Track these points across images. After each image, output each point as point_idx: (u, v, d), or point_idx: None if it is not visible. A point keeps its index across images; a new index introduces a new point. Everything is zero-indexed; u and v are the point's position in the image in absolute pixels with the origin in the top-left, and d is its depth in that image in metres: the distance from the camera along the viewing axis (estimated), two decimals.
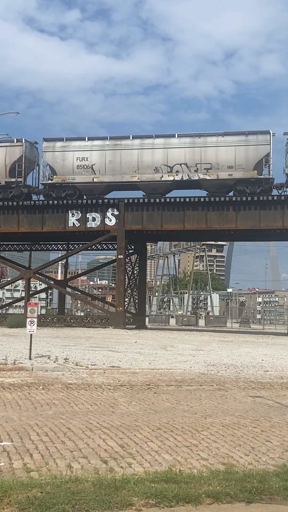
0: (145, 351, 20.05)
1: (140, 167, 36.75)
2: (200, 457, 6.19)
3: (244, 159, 35.47)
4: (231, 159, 35.58)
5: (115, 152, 37.29)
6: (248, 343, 27.44)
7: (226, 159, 35.68)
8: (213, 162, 35.83)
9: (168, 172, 36.50)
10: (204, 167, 35.99)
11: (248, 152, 35.59)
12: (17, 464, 5.72)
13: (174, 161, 36.40)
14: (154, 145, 36.99)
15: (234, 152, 35.59)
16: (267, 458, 6.28)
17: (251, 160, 35.44)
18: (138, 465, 5.86)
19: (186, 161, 36.27)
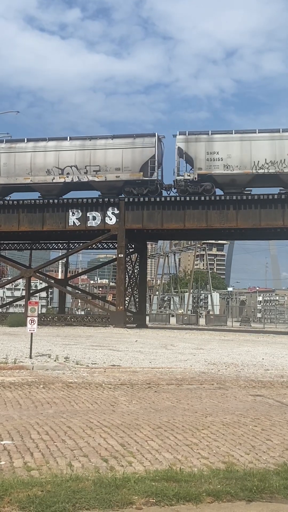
0: (145, 350, 20.06)
1: (33, 169, 37.87)
2: (200, 456, 6.19)
3: (130, 161, 36.66)
4: (119, 161, 36.82)
5: (10, 155, 38.31)
6: (249, 342, 27.45)
7: (114, 161, 36.87)
8: (102, 164, 37.08)
9: (59, 174, 37.60)
10: (93, 169, 37.23)
11: (134, 154, 36.78)
12: (17, 463, 5.73)
13: (65, 163, 37.50)
14: (46, 148, 38.05)
15: (122, 154, 36.81)
16: (267, 456, 6.29)
17: (137, 162, 36.61)
18: (139, 463, 5.86)
19: (76, 163, 37.41)
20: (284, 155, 35.44)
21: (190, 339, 28.89)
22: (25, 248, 49.82)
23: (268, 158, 35.55)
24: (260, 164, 35.58)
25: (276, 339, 31.70)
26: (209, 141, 36.34)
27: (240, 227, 37.28)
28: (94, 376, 12.75)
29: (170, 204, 37.17)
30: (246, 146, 35.83)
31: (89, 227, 38.41)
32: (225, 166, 35.89)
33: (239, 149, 35.86)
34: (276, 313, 69.53)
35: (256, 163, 35.61)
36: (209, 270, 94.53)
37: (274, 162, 35.44)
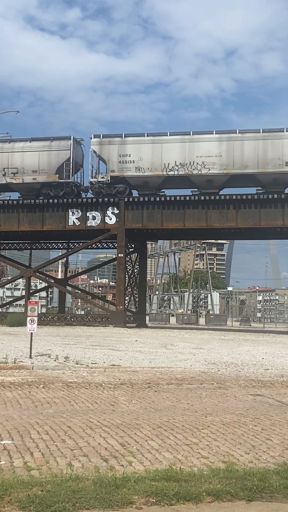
0: (145, 350, 20.06)
1: None
2: (200, 456, 6.19)
3: (47, 164, 37.62)
4: (35, 163, 37.74)
5: None
6: (249, 342, 27.45)
7: (31, 163, 37.77)
8: (19, 166, 37.94)
9: None
10: (11, 171, 38.05)
11: (50, 157, 37.73)
12: (17, 463, 5.73)
13: None
14: None
15: (38, 157, 37.79)
16: (267, 456, 6.29)
17: (53, 165, 37.52)
18: (139, 463, 5.86)
19: None
20: (194, 157, 36.21)
21: (190, 338, 28.89)
22: (25, 248, 49.81)
23: (178, 160, 36.37)
24: (170, 166, 36.44)
25: (276, 338, 31.71)
26: (122, 144, 37.20)
27: (240, 226, 37.29)
28: (94, 375, 12.75)
29: (170, 203, 37.17)
30: (157, 149, 36.72)
31: (89, 226, 38.41)
32: (137, 168, 36.78)
33: (150, 152, 36.79)
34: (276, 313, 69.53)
35: (166, 165, 36.47)
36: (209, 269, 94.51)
37: (184, 164, 36.26)
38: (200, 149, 36.19)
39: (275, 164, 35.37)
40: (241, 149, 35.78)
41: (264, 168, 35.46)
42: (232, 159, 35.75)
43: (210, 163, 35.92)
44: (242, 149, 35.77)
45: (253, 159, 35.59)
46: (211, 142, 36.24)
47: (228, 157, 35.81)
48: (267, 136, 35.92)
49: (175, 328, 42.90)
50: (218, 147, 36.06)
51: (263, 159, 35.48)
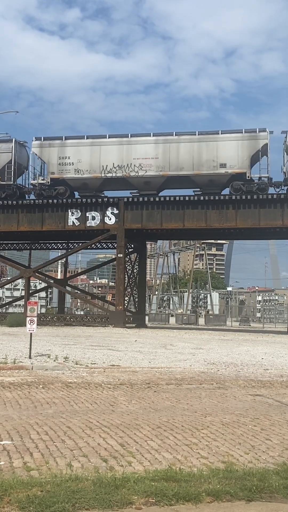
0: (145, 350, 20.06)
1: None
2: (200, 456, 6.20)
3: None
4: None
5: None
6: (248, 342, 27.45)
7: None
8: None
9: None
10: None
11: None
12: (17, 463, 5.72)
13: None
14: None
15: None
16: (267, 456, 6.29)
17: None
18: (138, 463, 5.86)
19: None
20: (131, 159, 36.84)
21: (190, 338, 28.90)
22: (25, 248, 49.81)
23: (116, 163, 37.00)
24: (108, 168, 37.05)
25: (275, 338, 31.71)
26: (62, 147, 37.76)
27: (239, 226, 37.30)
28: (94, 376, 12.75)
29: (169, 203, 37.18)
30: (96, 151, 37.39)
31: (89, 227, 38.41)
32: (76, 171, 37.43)
33: (89, 154, 37.42)
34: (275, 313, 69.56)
35: (104, 167, 37.09)
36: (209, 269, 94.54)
37: (122, 166, 36.90)
38: (138, 151, 36.93)
39: (209, 166, 36.07)
40: (177, 151, 36.53)
41: (199, 170, 36.20)
42: (168, 161, 36.54)
43: (147, 165, 36.70)
44: (178, 151, 36.52)
45: (188, 161, 36.31)
46: (148, 145, 37.04)
47: (164, 159, 36.58)
48: (202, 138, 36.61)
49: (174, 328, 42.90)
50: (155, 150, 36.80)
51: (198, 161, 36.19)
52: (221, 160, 35.84)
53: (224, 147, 35.95)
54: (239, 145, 35.84)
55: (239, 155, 35.69)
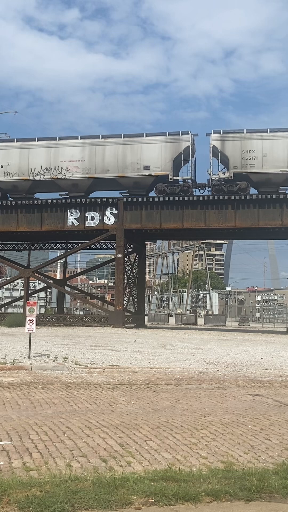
0: (144, 350, 20.05)
1: None
2: (199, 456, 6.19)
3: None
4: None
5: None
6: (247, 342, 27.46)
7: None
8: None
9: None
10: None
11: None
12: (16, 463, 5.72)
13: None
14: None
15: None
16: (266, 456, 6.29)
17: None
18: (138, 463, 5.86)
19: None
20: (58, 162, 37.70)
21: (189, 339, 28.90)
22: (24, 249, 49.81)
23: (44, 165, 37.87)
24: (36, 170, 37.84)
25: (275, 338, 31.72)
26: None
27: (238, 226, 37.34)
28: (93, 376, 12.75)
29: (168, 204, 37.19)
30: (25, 154, 38.17)
31: (88, 227, 38.42)
32: (5, 173, 38.27)
33: (18, 157, 38.24)
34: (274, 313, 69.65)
35: (33, 170, 37.86)
36: (208, 269, 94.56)
37: (50, 169, 37.74)
38: (65, 154, 37.73)
39: (134, 168, 36.80)
40: (102, 154, 37.30)
41: (124, 172, 36.97)
42: (94, 163, 37.37)
43: (73, 168, 37.54)
44: (103, 154, 37.29)
45: (114, 163, 37.09)
46: (75, 147, 37.81)
47: (90, 161, 37.40)
48: (127, 141, 37.30)
49: (174, 328, 42.91)
50: (81, 152, 37.59)
51: (123, 163, 36.95)
52: (145, 162, 36.65)
53: (148, 149, 36.74)
54: (162, 147, 36.67)
55: (162, 157, 36.52)
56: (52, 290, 62.39)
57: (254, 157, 35.69)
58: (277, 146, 35.73)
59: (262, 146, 35.75)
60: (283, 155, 35.54)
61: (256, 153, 35.73)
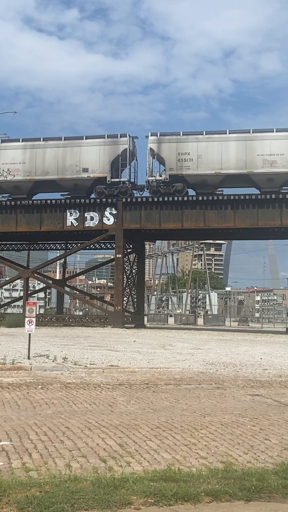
0: (143, 350, 20.05)
1: None
2: (199, 456, 6.19)
3: None
4: None
5: None
6: (247, 342, 27.47)
7: None
8: None
9: None
10: None
11: None
12: (16, 464, 5.72)
13: None
14: None
15: None
16: (266, 456, 6.29)
17: None
18: (137, 464, 5.86)
19: None
20: (0, 164, 38.44)
21: (188, 339, 28.90)
22: (23, 249, 49.79)
23: None
24: None
25: (274, 338, 31.73)
26: None
27: (238, 227, 37.35)
28: (93, 376, 12.74)
29: (168, 204, 37.20)
30: None
31: (87, 227, 38.43)
32: None
33: None
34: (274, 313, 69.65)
35: None
36: (207, 270, 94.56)
37: None
38: (7, 156, 38.36)
39: (73, 171, 37.52)
40: (43, 157, 37.94)
41: (63, 174, 37.67)
42: (35, 166, 38.03)
43: (15, 170, 38.21)
44: (44, 157, 37.94)
45: (54, 166, 37.75)
46: (16, 150, 38.45)
47: (31, 164, 38.05)
48: (67, 144, 37.97)
49: (173, 328, 42.91)
50: (23, 155, 38.20)
51: (63, 166, 37.65)
52: (84, 165, 37.28)
53: (87, 152, 37.38)
54: (100, 150, 37.34)
55: (100, 160, 37.25)
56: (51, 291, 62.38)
57: (190, 159, 36.34)
58: (212, 148, 36.29)
59: (197, 148, 36.33)
60: (218, 157, 36.06)
61: (192, 155, 36.37)
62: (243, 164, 35.72)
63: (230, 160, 35.90)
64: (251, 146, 35.81)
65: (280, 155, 35.46)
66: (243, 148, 35.84)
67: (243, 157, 35.78)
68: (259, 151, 35.65)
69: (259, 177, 35.83)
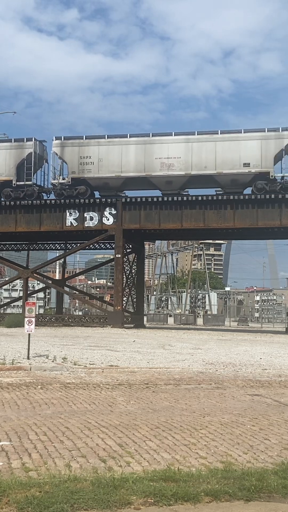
0: (143, 350, 20.05)
1: None
2: (198, 456, 6.19)
3: None
4: None
5: None
6: (246, 342, 27.47)
7: None
8: None
9: None
10: None
11: None
12: (15, 464, 5.72)
13: None
14: None
15: None
16: (265, 456, 6.29)
17: None
18: (137, 464, 5.86)
19: None
20: None
21: (188, 339, 28.90)
22: (23, 249, 49.78)
23: None
24: None
25: (274, 338, 31.74)
26: None
27: (237, 226, 37.37)
28: (92, 376, 12.74)
29: (167, 204, 37.20)
30: None
31: (87, 227, 38.43)
32: None
33: None
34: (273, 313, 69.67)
35: None
36: (207, 270, 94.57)
37: None
38: None
39: None
40: None
41: None
42: None
43: None
44: None
45: None
46: None
47: None
48: None
49: (173, 328, 42.91)
50: None
51: None
52: None
53: None
54: (7, 154, 38.07)
55: (6, 163, 38.01)
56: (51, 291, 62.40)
57: (91, 163, 37.11)
58: (112, 152, 36.94)
59: (98, 152, 37.03)
60: (118, 160, 36.72)
61: (93, 159, 37.13)
62: (142, 167, 36.76)
63: (130, 163, 36.91)
64: (150, 149, 36.89)
65: (177, 158, 36.43)
66: (142, 151, 36.93)
67: (142, 160, 36.87)
68: (157, 154, 36.73)
69: (158, 180, 36.87)
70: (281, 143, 35.63)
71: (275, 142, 35.70)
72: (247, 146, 35.71)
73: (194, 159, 36.07)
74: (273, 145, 35.60)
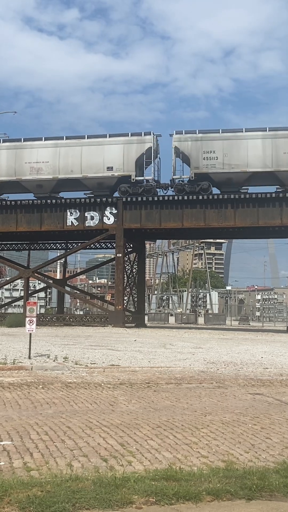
0: (144, 350, 20.06)
1: None
2: (200, 455, 6.19)
3: None
4: None
5: None
6: (248, 341, 27.47)
7: None
8: None
9: None
10: None
11: None
12: (17, 463, 5.72)
13: None
14: None
15: None
16: (267, 455, 6.29)
17: None
18: (138, 463, 5.86)
19: None
20: None
21: (189, 338, 28.90)
22: (23, 249, 49.81)
23: None
24: None
25: (275, 337, 31.73)
26: None
27: (238, 225, 37.35)
28: (93, 376, 12.75)
29: (168, 203, 37.18)
30: None
31: (87, 227, 38.42)
32: None
33: None
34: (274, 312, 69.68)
35: None
36: (208, 269, 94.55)
37: None
38: None
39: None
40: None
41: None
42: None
43: None
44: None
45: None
46: None
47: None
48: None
49: (174, 327, 42.91)
50: None
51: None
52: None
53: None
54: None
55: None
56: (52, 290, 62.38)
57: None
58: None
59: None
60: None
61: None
62: (13, 172, 38.06)
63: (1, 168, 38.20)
64: (21, 154, 38.05)
65: (45, 163, 37.59)
66: (13, 156, 38.08)
67: (13, 165, 38.02)
68: (27, 159, 37.94)
69: (29, 184, 38.18)
70: (142, 147, 36.79)
71: (137, 146, 36.96)
72: (110, 150, 37.05)
73: (61, 163, 37.54)
74: (135, 150, 36.91)
